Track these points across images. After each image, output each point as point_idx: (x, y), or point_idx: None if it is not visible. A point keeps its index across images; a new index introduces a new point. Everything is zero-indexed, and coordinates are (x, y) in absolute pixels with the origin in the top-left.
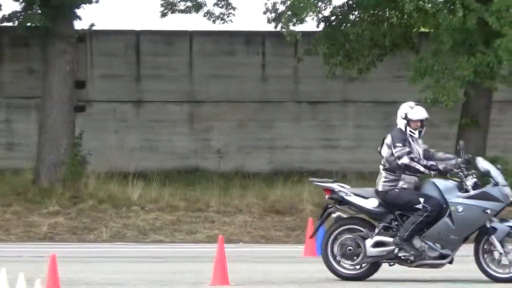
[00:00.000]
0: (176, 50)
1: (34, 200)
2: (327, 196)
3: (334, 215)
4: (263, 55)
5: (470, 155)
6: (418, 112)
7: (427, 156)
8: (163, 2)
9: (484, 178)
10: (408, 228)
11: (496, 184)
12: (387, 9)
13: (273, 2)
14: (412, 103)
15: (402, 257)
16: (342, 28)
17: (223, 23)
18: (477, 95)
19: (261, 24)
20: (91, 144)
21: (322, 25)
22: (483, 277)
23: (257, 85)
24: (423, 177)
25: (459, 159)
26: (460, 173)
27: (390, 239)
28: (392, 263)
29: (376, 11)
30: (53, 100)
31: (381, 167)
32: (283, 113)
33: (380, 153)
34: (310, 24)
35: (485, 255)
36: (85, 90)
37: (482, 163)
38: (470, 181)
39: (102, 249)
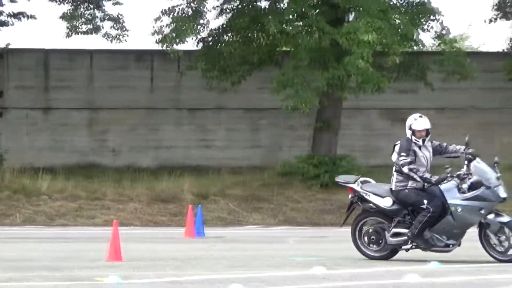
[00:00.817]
0: (78, 65)
1: None
2: (350, 195)
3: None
4: (152, 70)
5: (472, 152)
6: (421, 124)
7: (440, 151)
8: (68, 25)
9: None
10: (416, 226)
11: (488, 187)
12: (255, 32)
13: (159, 26)
14: (416, 115)
15: (414, 246)
16: (217, 47)
17: (118, 42)
18: (330, 103)
19: (150, 43)
20: (7, 144)
21: (200, 44)
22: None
23: (146, 95)
24: None
25: (467, 150)
26: (455, 179)
27: (406, 230)
28: (407, 250)
29: (246, 33)
30: None
31: (393, 168)
32: (167, 118)
33: (391, 158)
34: (190, 44)
35: (485, 241)
36: (2, 99)
37: (478, 166)
38: (466, 184)
39: (16, 231)
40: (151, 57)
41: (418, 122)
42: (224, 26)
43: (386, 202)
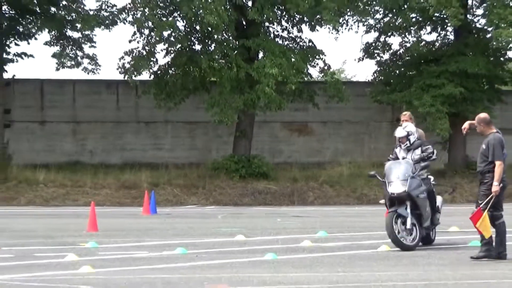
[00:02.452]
0: (65, 91)
1: None
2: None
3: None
4: (117, 94)
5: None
6: (397, 132)
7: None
8: (57, 61)
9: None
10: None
11: (388, 183)
12: (191, 67)
13: (123, 63)
14: (401, 125)
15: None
16: (164, 78)
17: (93, 74)
18: (245, 118)
19: (116, 74)
20: (14, 147)
21: (152, 76)
22: None
23: (113, 112)
24: None
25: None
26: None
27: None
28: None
29: (184, 68)
30: None
31: None
32: (129, 129)
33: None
34: (145, 76)
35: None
36: (10, 115)
37: (387, 166)
38: None
39: (21, 210)
40: (117, 85)
41: (396, 130)
42: (169, 63)
43: None
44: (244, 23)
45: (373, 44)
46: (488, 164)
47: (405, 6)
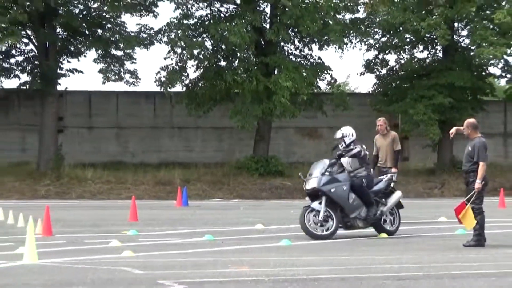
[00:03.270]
0: (110, 101)
1: (37, 178)
2: None
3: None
4: (154, 104)
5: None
6: (336, 134)
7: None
8: (103, 76)
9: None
10: None
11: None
12: (217, 80)
13: (159, 76)
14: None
15: None
16: (195, 90)
17: (134, 86)
18: (263, 125)
19: (154, 87)
20: (66, 149)
21: (184, 88)
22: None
23: (151, 119)
24: None
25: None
26: None
27: None
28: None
29: (212, 81)
30: (47, 127)
31: None
32: (165, 133)
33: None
34: (178, 88)
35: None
36: (63, 121)
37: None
38: None
39: (72, 203)
40: (154, 96)
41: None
42: (199, 77)
43: None
44: (262, 43)
45: (373, 61)
46: (473, 164)
47: (401, 28)
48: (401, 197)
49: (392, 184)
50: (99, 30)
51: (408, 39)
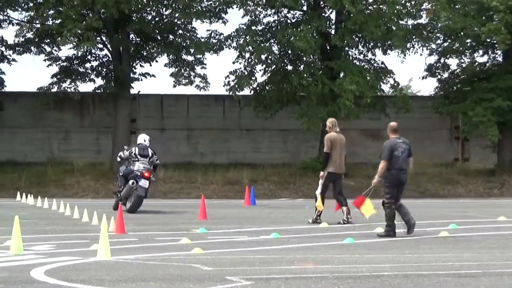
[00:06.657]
0: (180, 104)
1: (111, 177)
2: None
3: None
4: (224, 106)
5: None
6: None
7: None
8: (174, 80)
9: None
10: None
11: None
12: (284, 84)
13: (228, 80)
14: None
15: None
16: (262, 93)
17: (204, 90)
18: None
19: (223, 90)
20: None
21: (252, 92)
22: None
23: (220, 121)
24: None
25: None
26: None
27: None
28: None
29: (279, 85)
30: (120, 128)
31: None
32: (233, 135)
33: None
34: (247, 91)
35: None
36: (135, 123)
37: None
38: None
39: (145, 202)
40: (223, 99)
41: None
42: (266, 80)
43: None
44: (328, 47)
45: (435, 65)
46: None
47: (462, 33)
48: None
49: None
50: (170, 36)
51: (468, 44)
